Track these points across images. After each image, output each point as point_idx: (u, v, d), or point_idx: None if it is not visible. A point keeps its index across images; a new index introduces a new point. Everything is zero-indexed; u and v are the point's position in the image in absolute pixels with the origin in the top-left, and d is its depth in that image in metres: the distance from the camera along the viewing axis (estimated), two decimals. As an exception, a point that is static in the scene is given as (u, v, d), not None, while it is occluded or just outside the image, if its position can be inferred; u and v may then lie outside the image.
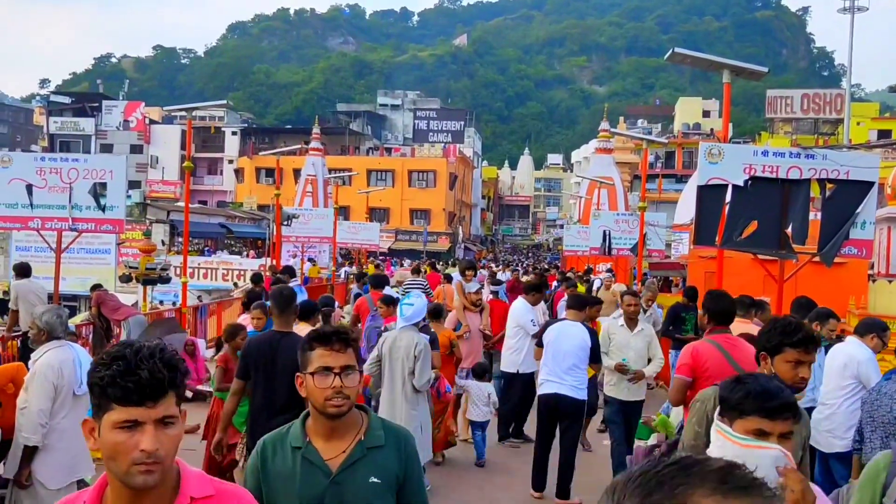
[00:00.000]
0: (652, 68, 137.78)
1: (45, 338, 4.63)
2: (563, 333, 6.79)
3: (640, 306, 7.76)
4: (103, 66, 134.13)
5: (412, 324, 6.19)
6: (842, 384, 5.14)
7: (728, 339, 4.66)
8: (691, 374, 4.62)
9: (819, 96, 50.23)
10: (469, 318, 9.13)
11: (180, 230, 32.21)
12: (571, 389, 6.66)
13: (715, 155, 6.73)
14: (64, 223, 9.33)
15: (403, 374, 5.98)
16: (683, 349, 5.01)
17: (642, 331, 7.35)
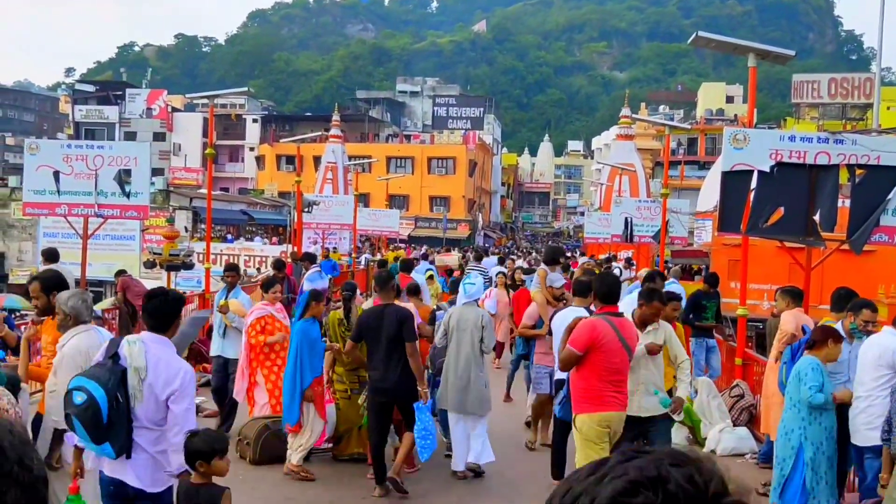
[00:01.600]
0: (673, 54, 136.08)
1: (72, 322, 4.68)
2: (566, 320, 6.68)
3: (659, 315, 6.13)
4: (126, 55, 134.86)
5: (473, 300, 7.32)
6: (876, 375, 5.02)
7: (619, 319, 5.41)
8: (584, 349, 5.19)
9: (847, 80, 49.28)
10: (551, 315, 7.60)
11: (203, 217, 32.42)
12: None
13: (740, 140, 6.65)
14: (90, 209, 9.45)
15: (473, 342, 6.99)
16: (581, 323, 5.46)
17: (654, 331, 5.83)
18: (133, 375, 3.81)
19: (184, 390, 3.88)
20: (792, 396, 5.35)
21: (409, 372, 6.25)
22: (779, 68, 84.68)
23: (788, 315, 6.48)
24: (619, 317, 5.42)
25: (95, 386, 3.72)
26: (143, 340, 3.95)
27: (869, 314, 5.46)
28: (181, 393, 3.86)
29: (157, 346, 3.93)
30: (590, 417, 5.30)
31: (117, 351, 3.88)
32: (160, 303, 4.06)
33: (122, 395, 3.76)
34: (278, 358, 7.81)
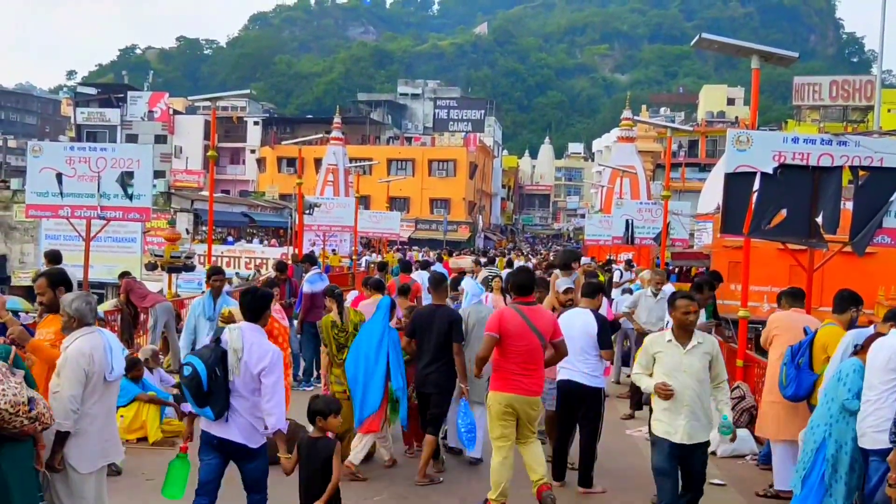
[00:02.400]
0: (675, 56, 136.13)
1: (75, 324, 4.67)
2: (570, 320, 6.77)
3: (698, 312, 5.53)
4: (128, 58, 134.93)
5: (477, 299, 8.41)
6: (886, 378, 5.01)
7: (529, 308, 5.95)
8: (498, 332, 5.85)
9: (848, 83, 49.31)
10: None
11: (204, 219, 32.48)
12: (584, 376, 6.63)
13: (743, 142, 6.65)
14: (93, 211, 9.48)
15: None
16: (493, 314, 6.23)
17: (699, 345, 5.24)
18: (232, 355, 4.78)
19: (272, 367, 4.79)
20: (827, 393, 5.36)
21: (452, 370, 6.71)
22: (780, 70, 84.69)
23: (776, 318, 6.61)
24: (530, 306, 6.00)
25: (199, 362, 4.73)
26: (241, 328, 4.90)
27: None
28: (270, 369, 4.78)
29: (251, 332, 4.88)
30: (495, 396, 5.92)
31: (220, 336, 4.90)
32: (252, 298, 5.04)
33: (220, 370, 4.75)
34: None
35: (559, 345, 6.01)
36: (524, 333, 5.81)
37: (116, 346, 4.79)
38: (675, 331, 5.26)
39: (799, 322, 6.60)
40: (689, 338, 5.20)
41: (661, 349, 5.25)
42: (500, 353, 5.87)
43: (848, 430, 5.16)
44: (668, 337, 5.31)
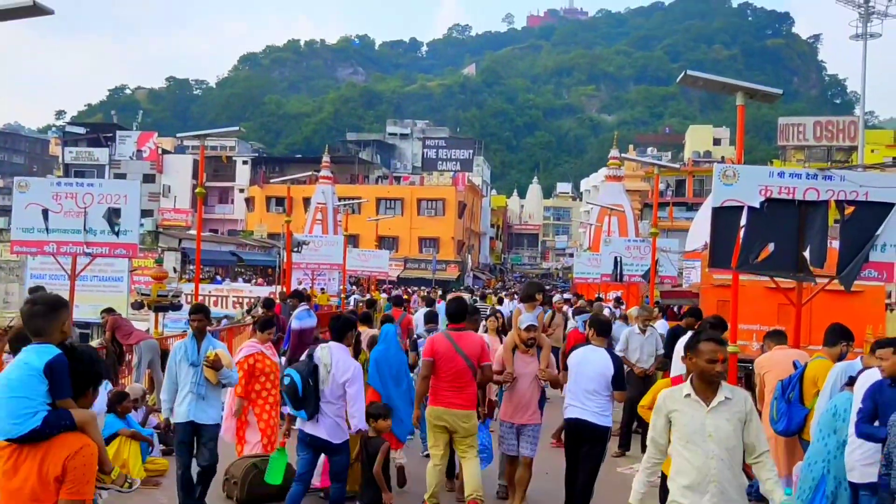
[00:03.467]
0: (661, 97, 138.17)
1: None
2: (585, 359, 6.69)
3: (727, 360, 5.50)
4: (117, 97, 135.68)
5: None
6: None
7: (458, 333, 6.65)
8: (431, 356, 6.55)
9: (832, 123, 50.17)
10: (519, 363, 6.81)
11: (192, 258, 32.29)
12: (593, 415, 6.56)
13: (730, 176, 6.70)
14: (79, 247, 9.39)
15: None
16: (427, 341, 7.01)
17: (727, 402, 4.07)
18: (322, 369, 6.08)
19: (354, 378, 6.10)
20: (822, 429, 5.31)
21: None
22: (765, 111, 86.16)
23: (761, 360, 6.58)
24: (460, 331, 6.71)
25: (295, 373, 6.05)
26: (330, 347, 6.20)
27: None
28: (352, 380, 6.08)
29: (337, 350, 6.19)
30: (429, 410, 6.64)
31: (313, 353, 6.20)
32: (337, 323, 6.47)
33: (312, 380, 6.04)
34: (270, 395, 7.70)
35: (485, 368, 6.63)
36: (452, 356, 6.52)
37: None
38: (694, 382, 4.12)
39: (786, 358, 6.59)
40: (713, 392, 4.07)
41: (677, 407, 4.10)
42: (435, 373, 6.59)
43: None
44: (685, 391, 4.13)
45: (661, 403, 4.21)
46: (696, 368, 4.10)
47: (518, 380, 6.73)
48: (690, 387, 4.12)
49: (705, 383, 4.07)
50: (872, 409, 4.83)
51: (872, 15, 37.27)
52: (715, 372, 4.06)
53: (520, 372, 6.73)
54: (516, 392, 6.75)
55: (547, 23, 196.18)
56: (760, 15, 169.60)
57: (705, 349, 4.06)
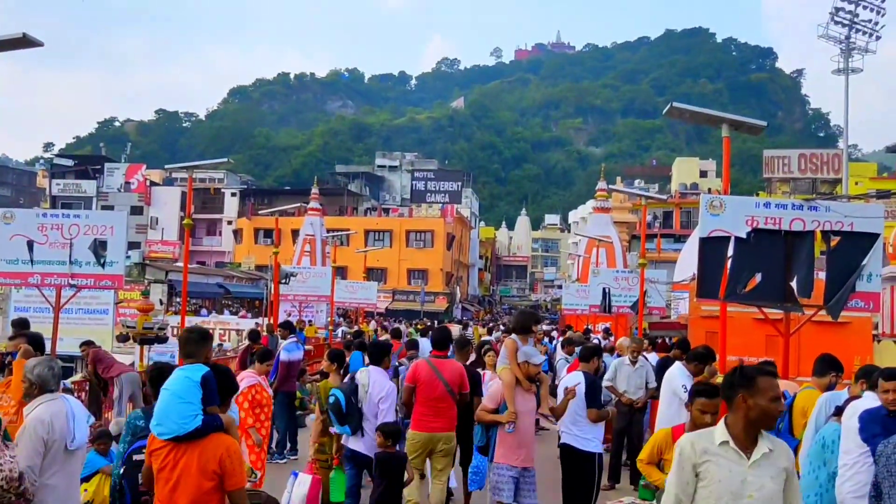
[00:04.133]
0: (647, 130, 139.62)
1: (37, 391, 4.50)
2: (566, 384, 7.03)
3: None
4: (106, 130, 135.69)
5: None
6: (861, 441, 4.95)
7: (440, 361, 7.09)
8: (413, 382, 7.00)
9: (816, 156, 50.84)
10: (520, 400, 6.30)
11: (178, 290, 32.09)
12: (576, 439, 6.63)
13: (716, 207, 6.74)
14: (63, 279, 9.30)
15: None
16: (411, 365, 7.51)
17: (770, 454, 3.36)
18: (361, 389, 6.71)
19: (387, 396, 6.72)
20: (812, 462, 5.25)
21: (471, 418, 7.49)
22: (750, 144, 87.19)
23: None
24: (442, 359, 7.14)
25: (339, 392, 6.70)
26: (369, 370, 6.87)
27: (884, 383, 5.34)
28: (385, 398, 6.71)
29: (375, 372, 6.86)
30: (411, 434, 7.04)
31: (354, 375, 6.88)
32: (375, 349, 7.22)
33: (354, 398, 6.67)
34: (262, 427, 7.63)
35: (464, 397, 7.13)
36: (433, 382, 6.89)
37: (80, 413, 4.62)
38: (734, 429, 3.35)
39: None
40: (753, 442, 3.33)
41: (709, 458, 3.33)
42: (417, 398, 6.96)
43: None
44: (719, 437, 3.36)
45: (687, 452, 3.40)
46: (756, 411, 3.29)
47: (520, 417, 6.24)
48: (727, 432, 3.33)
49: (751, 430, 3.32)
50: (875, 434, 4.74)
51: (853, 50, 37.95)
52: (776, 411, 3.35)
53: (520, 409, 6.25)
54: (518, 431, 6.24)
55: (534, 57, 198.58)
56: (744, 50, 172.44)
57: (766, 385, 3.32)
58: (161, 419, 3.97)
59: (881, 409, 4.88)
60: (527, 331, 6.58)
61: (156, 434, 4.00)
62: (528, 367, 6.26)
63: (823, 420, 5.65)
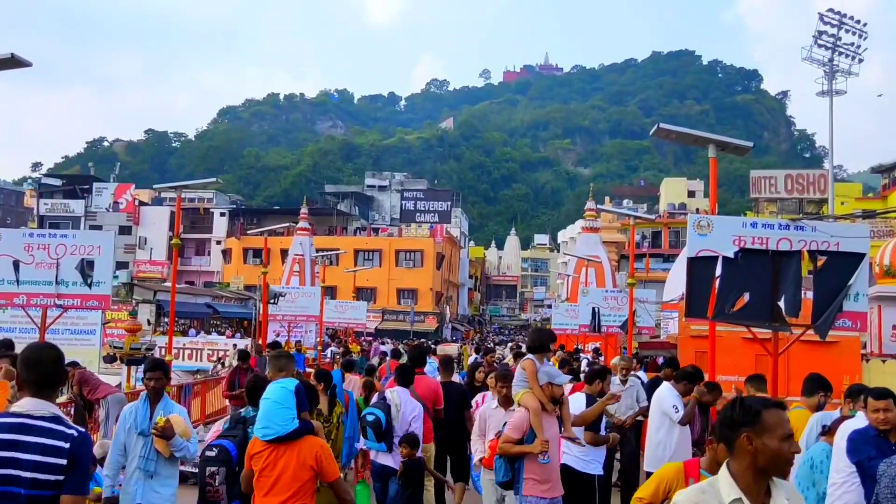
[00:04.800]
0: (635, 150, 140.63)
1: None
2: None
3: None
4: (95, 150, 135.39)
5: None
6: (851, 461, 4.94)
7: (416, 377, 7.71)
8: None
9: (802, 177, 51.39)
10: (548, 425, 5.78)
11: (166, 310, 31.89)
12: (575, 460, 6.54)
13: (704, 227, 6.77)
14: (50, 299, 9.21)
15: None
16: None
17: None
18: (394, 408, 7.16)
19: (417, 417, 7.28)
20: (801, 482, 5.23)
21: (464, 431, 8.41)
22: (737, 165, 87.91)
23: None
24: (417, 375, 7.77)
25: (378, 411, 7.06)
26: (398, 391, 7.36)
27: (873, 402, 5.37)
28: (416, 417, 7.26)
29: (404, 393, 7.39)
30: None
31: (385, 396, 7.32)
32: (403, 370, 7.68)
33: (389, 417, 7.07)
34: None
35: (439, 412, 8.02)
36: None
37: None
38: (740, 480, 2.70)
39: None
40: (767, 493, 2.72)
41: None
42: None
43: None
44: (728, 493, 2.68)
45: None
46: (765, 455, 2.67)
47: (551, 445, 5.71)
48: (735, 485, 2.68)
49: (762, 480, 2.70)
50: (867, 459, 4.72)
51: (837, 73, 38.51)
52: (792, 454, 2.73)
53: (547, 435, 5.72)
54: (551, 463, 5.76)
55: (523, 78, 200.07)
56: (730, 72, 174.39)
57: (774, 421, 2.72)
58: (265, 423, 4.59)
59: (870, 429, 4.89)
60: (545, 349, 6.10)
61: (260, 436, 4.60)
62: (551, 388, 5.80)
63: (814, 439, 5.67)
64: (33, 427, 3.15)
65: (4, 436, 3.10)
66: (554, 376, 5.86)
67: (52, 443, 3.13)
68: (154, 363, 6.14)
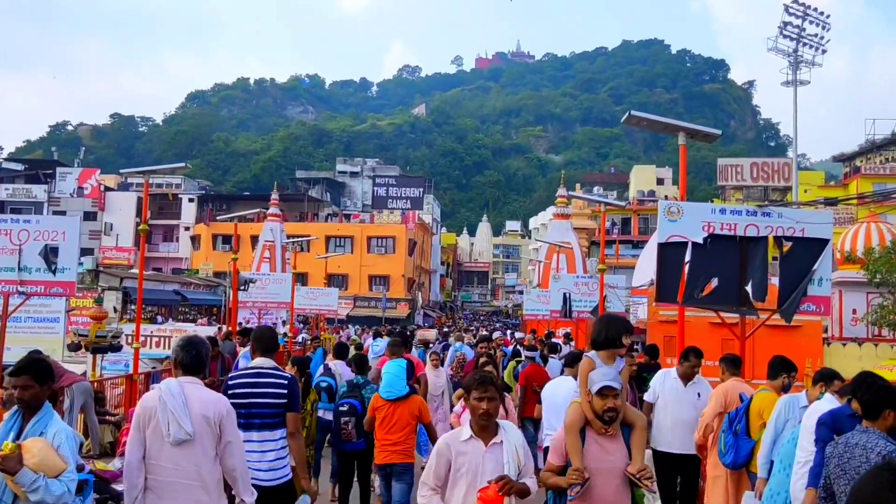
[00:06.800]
0: (606, 138, 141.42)
1: None
2: (556, 387, 7.10)
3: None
4: (59, 134, 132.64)
5: None
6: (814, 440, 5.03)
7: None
8: None
9: (768, 165, 52.12)
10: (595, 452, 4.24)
11: (133, 298, 31.46)
12: None
13: (674, 213, 6.82)
14: (12, 286, 9.01)
15: None
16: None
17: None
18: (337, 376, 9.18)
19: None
20: (783, 459, 5.32)
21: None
22: (705, 153, 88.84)
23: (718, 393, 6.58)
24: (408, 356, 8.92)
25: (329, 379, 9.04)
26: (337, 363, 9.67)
27: (839, 384, 5.48)
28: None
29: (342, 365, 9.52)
30: None
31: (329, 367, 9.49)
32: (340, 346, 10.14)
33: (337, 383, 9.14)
34: None
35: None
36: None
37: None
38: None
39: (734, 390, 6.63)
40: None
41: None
42: None
43: None
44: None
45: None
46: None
47: (595, 479, 4.10)
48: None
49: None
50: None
51: (801, 63, 39.07)
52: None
53: (596, 466, 4.13)
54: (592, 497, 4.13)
55: (495, 65, 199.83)
56: (698, 61, 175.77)
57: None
58: (389, 388, 6.93)
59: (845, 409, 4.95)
60: (612, 344, 4.44)
61: (384, 396, 6.91)
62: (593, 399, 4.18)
63: (783, 422, 5.74)
64: (263, 373, 5.36)
65: (249, 379, 5.34)
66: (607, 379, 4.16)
67: (276, 381, 5.32)
68: (20, 367, 4.29)
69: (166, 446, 4.18)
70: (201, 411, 4.25)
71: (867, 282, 18.07)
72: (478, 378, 4.20)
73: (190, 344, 4.51)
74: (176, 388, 4.28)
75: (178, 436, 4.14)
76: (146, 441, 4.24)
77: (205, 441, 4.23)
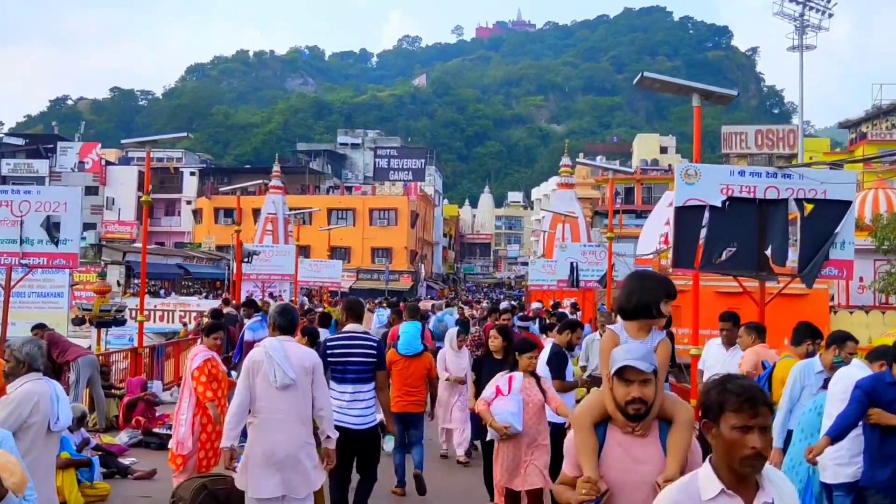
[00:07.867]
0: (608, 107, 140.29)
1: (24, 370, 4.40)
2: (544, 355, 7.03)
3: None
4: (59, 108, 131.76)
5: None
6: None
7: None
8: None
9: (772, 132, 51.61)
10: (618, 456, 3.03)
11: (137, 271, 31.37)
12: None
13: (691, 175, 6.63)
14: (14, 258, 8.87)
15: None
16: None
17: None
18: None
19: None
20: (805, 429, 5.18)
21: None
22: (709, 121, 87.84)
23: (750, 353, 6.41)
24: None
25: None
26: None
27: (853, 346, 5.35)
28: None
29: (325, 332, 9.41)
30: None
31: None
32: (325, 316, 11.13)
33: None
34: (220, 404, 7.25)
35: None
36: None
37: (63, 395, 4.57)
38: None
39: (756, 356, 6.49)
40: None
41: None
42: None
43: None
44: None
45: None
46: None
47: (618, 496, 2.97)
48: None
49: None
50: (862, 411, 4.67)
51: (807, 28, 38.42)
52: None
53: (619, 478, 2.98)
54: None
55: (495, 34, 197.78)
56: (701, 28, 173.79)
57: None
58: (406, 346, 7.98)
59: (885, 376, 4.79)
60: (648, 313, 3.27)
61: (402, 352, 7.96)
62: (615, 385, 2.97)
63: (799, 389, 5.60)
64: (355, 337, 6.29)
65: (344, 342, 6.26)
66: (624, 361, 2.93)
67: (367, 343, 6.27)
68: None
69: (272, 390, 5.08)
70: (299, 362, 5.19)
71: (874, 249, 17.92)
72: (737, 392, 2.31)
73: (285, 310, 5.54)
74: (277, 344, 5.22)
75: (284, 381, 5.07)
76: (256, 388, 5.13)
77: (303, 385, 5.16)
